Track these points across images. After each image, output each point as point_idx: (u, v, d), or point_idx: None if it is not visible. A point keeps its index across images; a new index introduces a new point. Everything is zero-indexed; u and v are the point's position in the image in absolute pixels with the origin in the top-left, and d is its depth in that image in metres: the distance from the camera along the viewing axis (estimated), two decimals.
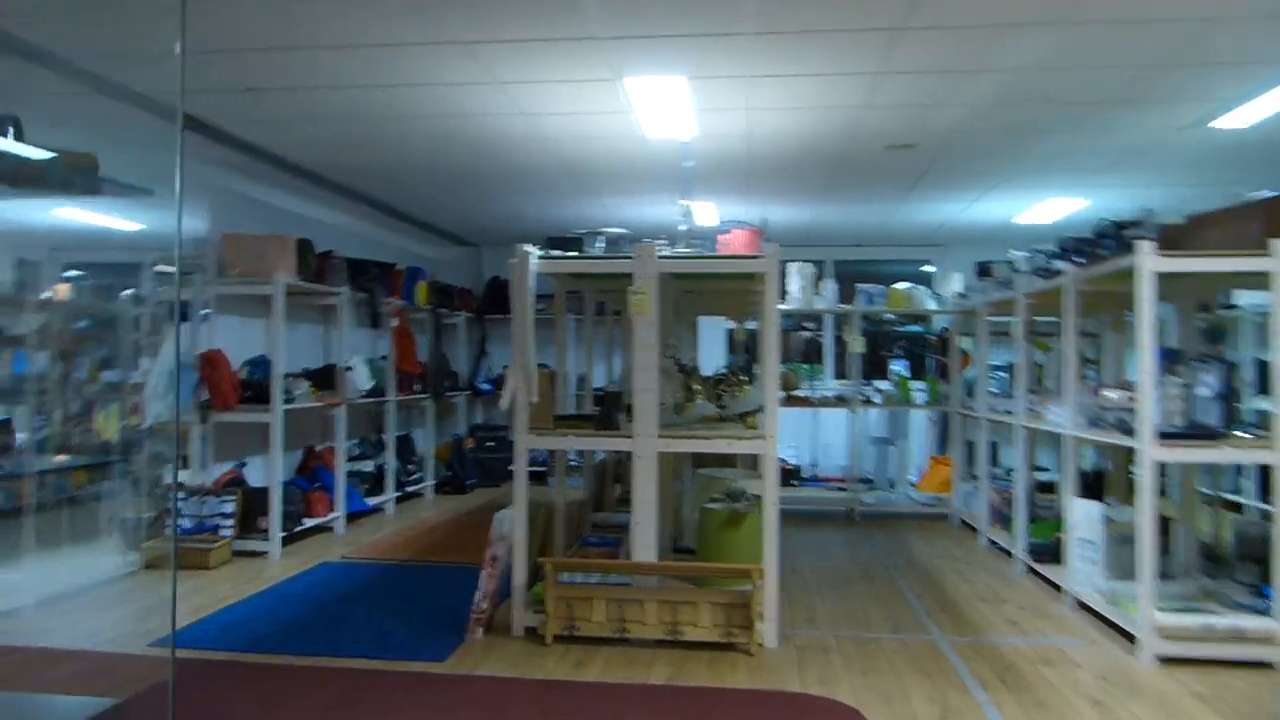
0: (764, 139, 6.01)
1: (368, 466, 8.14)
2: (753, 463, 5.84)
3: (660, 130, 5.72)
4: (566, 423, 4.85)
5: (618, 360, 8.14)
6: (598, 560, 4.80)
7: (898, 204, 8.20)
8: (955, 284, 7.85)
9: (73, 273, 10.63)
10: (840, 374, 10.31)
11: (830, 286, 7.96)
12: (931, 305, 7.90)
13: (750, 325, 9.10)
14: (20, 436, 8.69)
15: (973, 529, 7.29)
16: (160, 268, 7.35)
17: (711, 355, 9.68)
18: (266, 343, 6.34)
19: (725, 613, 4.23)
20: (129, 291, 9.09)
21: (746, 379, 5.17)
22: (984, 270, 7.09)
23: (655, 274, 4.41)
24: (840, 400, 8.01)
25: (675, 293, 5.81)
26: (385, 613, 4.88)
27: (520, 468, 4.47)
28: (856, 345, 7.74)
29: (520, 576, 4.49)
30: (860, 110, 5.36)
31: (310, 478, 7.33)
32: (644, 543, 4.38)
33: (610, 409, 4.67)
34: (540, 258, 4.58)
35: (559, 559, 4.55)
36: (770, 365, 4.34)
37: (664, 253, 4.53)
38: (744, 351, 9.03)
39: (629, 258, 4.48)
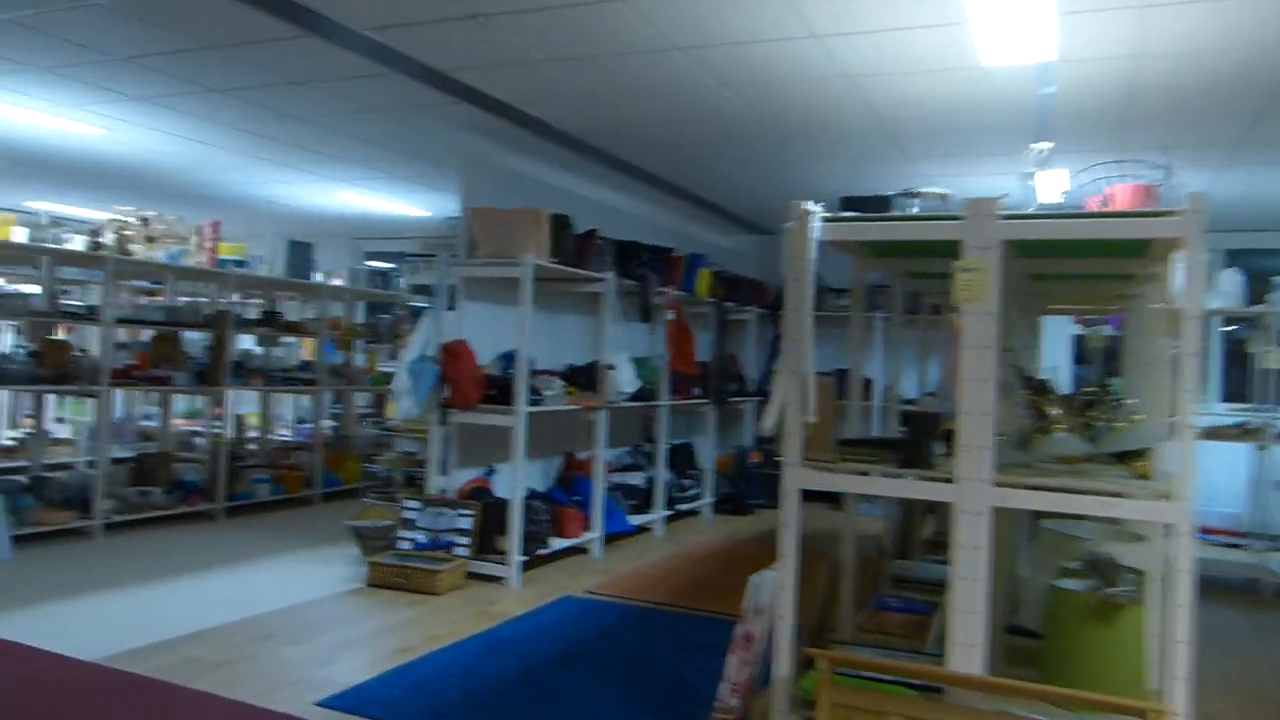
0: (1160, 58, 4.30)
1: (637, 479, 7.18)
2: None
3: (1004, 53, 4.20)
4: (858, 450, 3.50)
5: (934, 372, 6.59)
6: (898, 664, 3.41)
7: None
8: None
9: (376, 263, 10.64)
10: (1231, 395, 8.04)
11: (1233, 279, 5.95)
12: None
13: (1107, 329, 7.20)
14: (310, 427, 8.58)
15: None
16: (417, 250, 6.80)
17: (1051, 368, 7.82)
18: (515, 332, 5.50)
19: None
20: (408, 279, 8.79)
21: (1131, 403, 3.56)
22: None
23: (996, 242, 2.97)
24: (1243, 431, 5.96)
25: (1017, 278, 4.26)
26: (613, 685, 3.78)
27: (789, 514, 3.19)
28: (1273, 359, 5.70)
29: (785, 664, 3.21)
30: None
31: (569, 490, 6.47)
32: (968, 637, 2.95)
33: (921, 437, 3.27)
34: (827, 220, 3.27)
35: (838, 653, 3.21)
36: (1188, 382, 2.75)
37: (1009, 211, 3.07)
38: (1101, 362, 7.15)
39: (956, 218, 3.07)
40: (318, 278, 8.09)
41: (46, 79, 5.37)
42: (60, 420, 9.83)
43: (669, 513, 7.23)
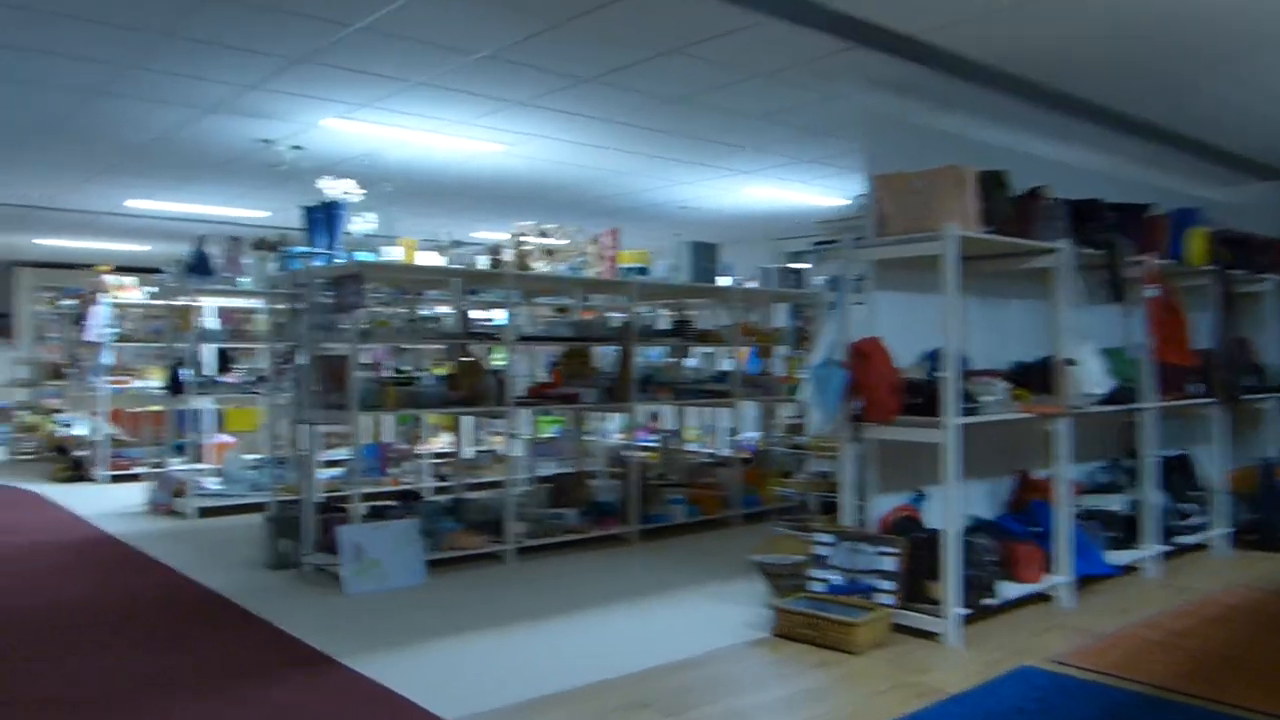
0: None
1: (1116, 504, 5.63)
2: None
3: None
4: None
5: None
6: None
7: None
8: None
9: (794, 265, 9.93)
10: None
11: None
12: None
13: None
14: (751, 435, 8.03)
15: None
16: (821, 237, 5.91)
17: None
18: (942, 325, 4.37)
19: None
20: (815, 272, 7.91)
21: None
22: None
23: None
24: None
25: None
26: None
27: None
28: None
29: None
30: None
31: (1024, 518, 5.16)
32: None
33: None
34: None
35: None
36: None
37: None
38: None
39: None
40: (727, 281, 7.50)
41: (426, 94, 5.29)
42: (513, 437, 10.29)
43: (1165, 548, 5.56)
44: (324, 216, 5.92)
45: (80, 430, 10.14)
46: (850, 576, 4.46)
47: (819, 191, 8.24)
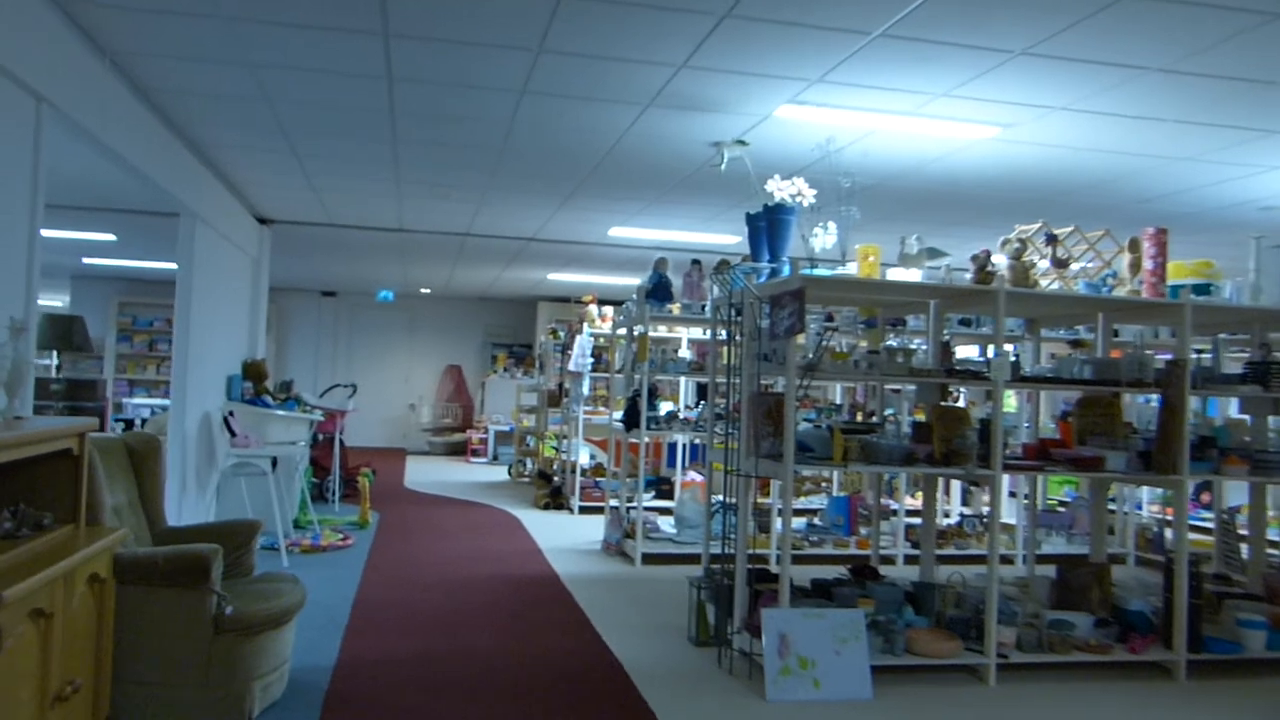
0: None
1: None
2: None
3: None
4: None
5: None
6: None
7: None
8: None
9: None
10: None
11: None
12: None
13: None
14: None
15: None
16: None
17: None
18: None
19: None
20: None
21: None
22: None
23: None
24: None
25: None
26: None
27: None
28: None
29: None
30: None
31: None
32: None
33: None
34: None
35: None
36: None
37: None
38: None
39: None
40: None
41: (891, 54, 4.00)
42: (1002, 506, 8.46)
43: None
44: (767, 224, 4.91)
45: (570, 458, 10.28)
46: None
47: None
